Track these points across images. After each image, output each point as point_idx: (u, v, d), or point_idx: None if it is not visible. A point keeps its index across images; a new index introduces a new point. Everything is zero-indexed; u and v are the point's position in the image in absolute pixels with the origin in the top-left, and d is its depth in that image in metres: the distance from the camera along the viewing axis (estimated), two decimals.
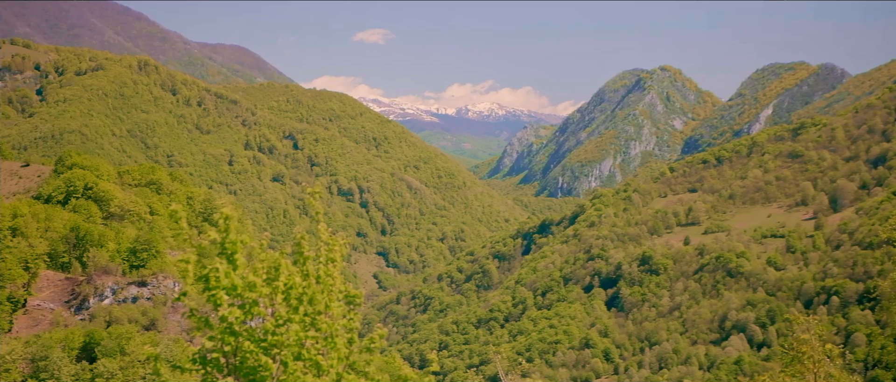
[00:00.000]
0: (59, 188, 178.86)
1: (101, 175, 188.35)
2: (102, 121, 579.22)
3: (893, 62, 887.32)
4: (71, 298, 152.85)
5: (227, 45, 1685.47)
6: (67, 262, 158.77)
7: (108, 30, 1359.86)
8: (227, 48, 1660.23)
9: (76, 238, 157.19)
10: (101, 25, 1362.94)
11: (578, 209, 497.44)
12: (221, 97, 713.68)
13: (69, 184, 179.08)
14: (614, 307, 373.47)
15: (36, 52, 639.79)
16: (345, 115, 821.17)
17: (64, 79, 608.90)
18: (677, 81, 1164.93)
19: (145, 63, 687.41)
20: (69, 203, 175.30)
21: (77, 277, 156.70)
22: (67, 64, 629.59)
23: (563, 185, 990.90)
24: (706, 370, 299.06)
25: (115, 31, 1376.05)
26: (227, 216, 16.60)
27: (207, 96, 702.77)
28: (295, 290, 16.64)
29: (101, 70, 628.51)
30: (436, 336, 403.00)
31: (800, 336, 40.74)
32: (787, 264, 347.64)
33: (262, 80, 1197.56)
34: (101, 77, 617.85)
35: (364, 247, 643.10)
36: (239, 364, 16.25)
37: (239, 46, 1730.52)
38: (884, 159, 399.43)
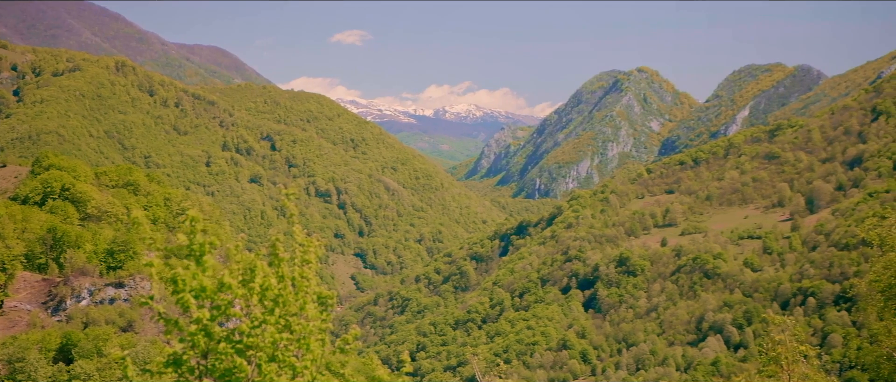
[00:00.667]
0: (36, 189, 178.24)
1: (78, 176, 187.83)
2: (79, 122, 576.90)
3: (869, 64, 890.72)
4: (48, 299, 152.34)
5: (204, 46, 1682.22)
6: (44, 263, 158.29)
7: (85, 30, 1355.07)
8: (204, 49, 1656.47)
9: (53, 239, 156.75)
10: (79, 26, 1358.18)
11: (556, 211, 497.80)
12: (199, 98, 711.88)
13: (46, 185, 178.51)
14: (592, 308, 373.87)
15: (13, 52, 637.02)
16: (322, 116, 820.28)
17: (41, 80, 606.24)
18: (654, 82, 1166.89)
19: (122, 64, 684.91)
20: (46, 204, 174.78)
21: (54, 278, 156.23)
22: (44, 65, 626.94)
23: (541, 186, 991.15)
24: (683, 371, 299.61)
25: (93, 32, 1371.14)
26: (193, 218, 16.52)
27: (185, 97, 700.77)
28: (270, 291, 16.59)
29: (79, 71, 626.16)
30: (413, 337, 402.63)
31: (774, 337, 40.78)
32: (763, 265, 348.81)
33: (240, 81, 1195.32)
34: (78, 78, 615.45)
35: (341, 248, 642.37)
36: (213, 366, 16.18)
37: (216, 47, 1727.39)
38: (860, 160, 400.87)
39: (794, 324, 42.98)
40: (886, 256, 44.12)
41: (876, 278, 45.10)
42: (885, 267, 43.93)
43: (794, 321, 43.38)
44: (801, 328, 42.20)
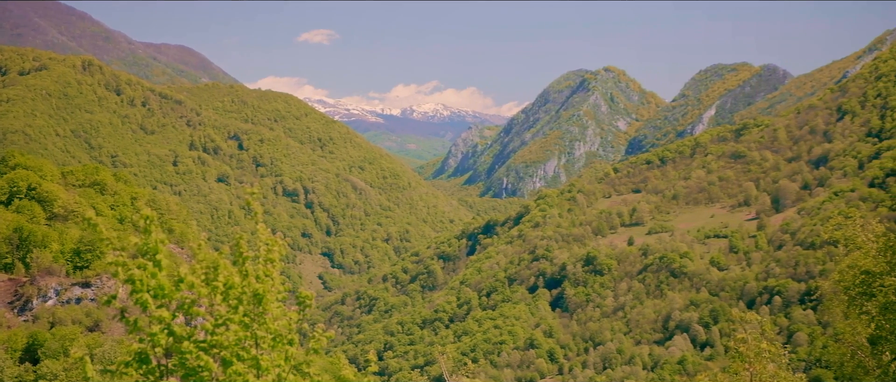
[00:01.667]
0: (2, 189, 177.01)
1: (44, 176, 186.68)
2: (46, 121, 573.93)
3: (835, 63, 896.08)
4: (14, 299, 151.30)
5: (171, 45, 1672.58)
6: (10, 263, 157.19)
7: (51, 29, 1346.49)
8: (171, 48, 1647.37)
9: (19, 239, 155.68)
10: (45, 25, 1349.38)
11: (523, 210, 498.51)
12: (166, 97, 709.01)
13: (12, 184, 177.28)
14: (559, 307, 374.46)
15: None
16: (290, 115, 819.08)
17: (7, 79, 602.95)
18: (621, 81, 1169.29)
19: (89, 63, 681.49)
20: (12, 204, 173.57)
21: (20, 278, 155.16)
22: (10, 64, 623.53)
23: (508, 185, 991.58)
24: (650, 370, 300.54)
25: (59, 31, 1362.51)
26: (148, 218, 16.43)
27: (152, 96, 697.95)
28: (234, 290, 16.53)
29: (45, 70, 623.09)
30: (381, 336, 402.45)
31: (737, 335, 40.91)
32: (729, 264, 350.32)
33: (207, 80, 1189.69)
34: (44, 77, 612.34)
35: (309, 248, 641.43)
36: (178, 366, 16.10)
37: (183, 46, 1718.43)
38: (825, 159, 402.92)
39: (763, 322, 43.13)
40: (851, 255, 44.30)
41: (840, 277, 45.30)
42: (849, 266, 44.12)
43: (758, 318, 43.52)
44: (768, 326, 42.20)
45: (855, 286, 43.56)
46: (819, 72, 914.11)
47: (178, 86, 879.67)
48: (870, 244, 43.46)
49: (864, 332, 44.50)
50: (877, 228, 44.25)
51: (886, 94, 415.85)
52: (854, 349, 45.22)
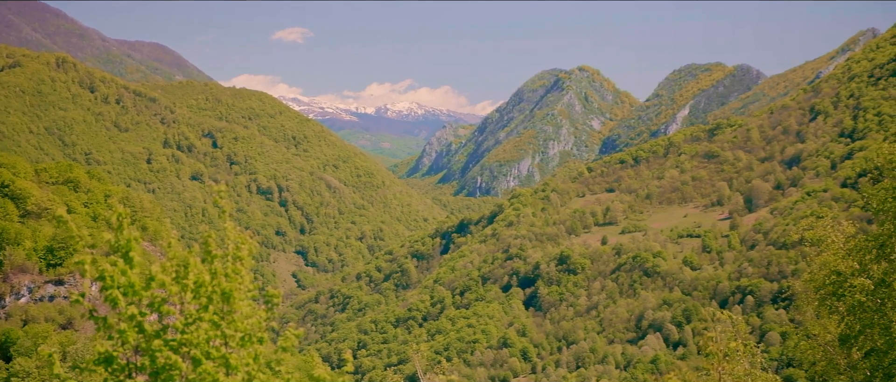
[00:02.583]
0: None
1: (17, 173, 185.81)
2: (19, 118, 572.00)
3: (808, 64, 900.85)
4: None
5: (145, 43, 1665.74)
6: None
7: (25, 26, 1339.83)
8: (145, 45, 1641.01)
9: None
10: (19, 22, 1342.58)
11: (497, 209, 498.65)
12: (140, 95, 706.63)
13: None
14: (532, 306, 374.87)
15: None
16: (264, 113, 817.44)
17: None
18: (595, 81, 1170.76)
19: (63, 60, 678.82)
20: None
21: None
22: None
23: (482, 184, 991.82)
24: (623, 369, 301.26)
25: (33, 28, 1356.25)
26: (120, 214, 16.43)
27: (126, 94, 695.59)
28: (204, 288, 16.54)
29: (19, 67, 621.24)
30: (354, 335, 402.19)
31: (706, 334, 41.13)
32: (702, 263, 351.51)
33: (181, 77, 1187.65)
34: (18, 74, 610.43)
35: (283, 246, 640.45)
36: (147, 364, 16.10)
37: (158, 44, 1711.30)
38: (798, 159, 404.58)
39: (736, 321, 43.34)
40: (822, 255, 44.58)
41: (811, 277, 45.60)
42: (820, 266, 44.40)
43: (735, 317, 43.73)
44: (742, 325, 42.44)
45: (825, 287, 43.86)
46: (792, 72, 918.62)
47: (152, 83, 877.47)
48: (840, 244, 43.75)
49: (834, 331, 44.80)
50: (847, 228, 44.55)
51: (859, 94, 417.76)
52: (825, 348, 45.52)
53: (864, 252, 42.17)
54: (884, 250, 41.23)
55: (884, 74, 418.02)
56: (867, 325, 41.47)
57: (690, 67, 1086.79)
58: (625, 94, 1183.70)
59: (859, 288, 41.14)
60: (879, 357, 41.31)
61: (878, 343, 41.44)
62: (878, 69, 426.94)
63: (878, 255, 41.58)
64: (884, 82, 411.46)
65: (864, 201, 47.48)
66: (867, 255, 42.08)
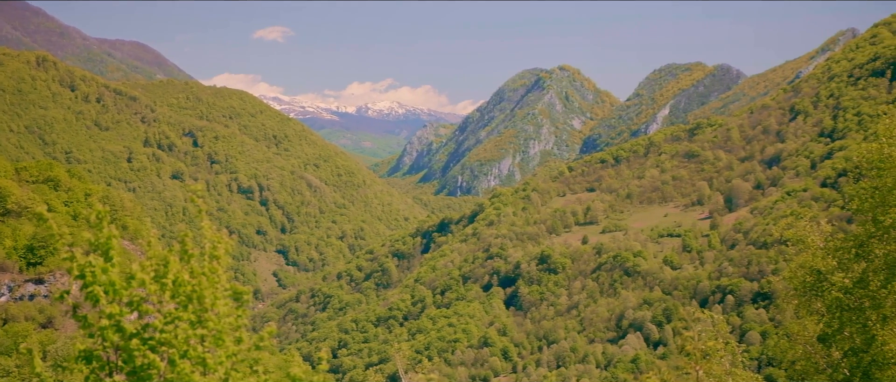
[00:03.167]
0: None
1: None
2: None
3: (788, 63, 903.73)
4: None
5: (126, 41, 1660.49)
6: None
7: (5, 25, 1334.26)
8: (126, 44, 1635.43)
9: None
10: None
11: (477, 208, 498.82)
12: (120, 94, 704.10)
13: None
14: (513, 305, 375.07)
15: None
16: (245, 112, 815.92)
17: None
18: (576, 80, 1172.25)
19: (43, 59, 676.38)
20: None
21: None
22: None
23: (463, 184, 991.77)
24: (603, 368, 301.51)
25: (13, 26, 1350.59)
26: (100, 212, 16.38)
27: (106, 93, 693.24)
28: (183, 287, 16.49)
29: None
30: (335, 334, 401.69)
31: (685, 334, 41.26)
32: (683, 263, 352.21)
33: (162, 76, 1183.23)
34: None
35: (263, 245, 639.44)
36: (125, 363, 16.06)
37: (138, 42, 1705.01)
38: (778, 159, 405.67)
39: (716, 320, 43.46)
40: (802, 254, 44.72)
41: (791, 275, 45.73)
42: (800, 265, 44.53)
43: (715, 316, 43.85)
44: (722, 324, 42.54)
45: (804, 285, 44.00)
46: (772, 72, 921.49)
47: (132, 82, 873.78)
48: (819, 243, 43.91)
49: (814, 330, 44.95)
50: (825, 228, 44.72)
51: (839, 94, 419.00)
52: (805, 347, 45.65)
53: (843, 251, 42.36)
54: (863, 249, 41.40)
55: (863, 73, 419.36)
56: (846, 323, 41.64)
57: (671, 67, 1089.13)
58: (605, 93, 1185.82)
59: (838, 285, 41.32)
60: (858, 355, 41.47)
61: (856, 341, 41.61)
62: (857, 69, 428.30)
63: (856, 254, 41.76)
64: (863, 82, 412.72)
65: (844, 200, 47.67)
66: (846, 254, 42.26)
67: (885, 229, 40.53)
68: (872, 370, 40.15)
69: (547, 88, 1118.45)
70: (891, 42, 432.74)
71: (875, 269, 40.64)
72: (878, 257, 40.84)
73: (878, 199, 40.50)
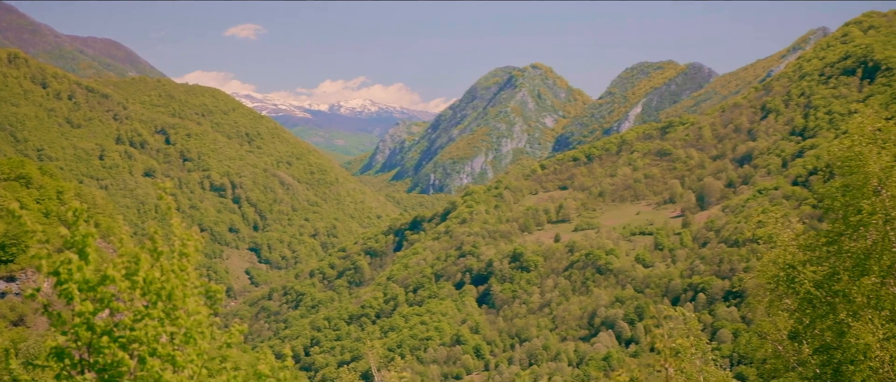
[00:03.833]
0: None
1: None
2: None
3: (759, 62, 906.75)
4: None
5: (98, 39, 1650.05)
6: None
7: None
8: (98, 41, 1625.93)
9: None
10: None
11: (450, 206, 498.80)
12: (92, 91, 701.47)
13: None
14: (485, 303, 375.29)
15: None
16: (217, 110, 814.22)
17: None
18: (549, 78, 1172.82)
19: (15, 56, 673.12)
20: None
21: None
22: None
23: (435, 182, 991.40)
24: (575, 366, 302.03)
25: None
26: (75, 210, 16.33)
27: (78, 90, 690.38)
28: (154, 285, 16.45)
29: None
30: (307, 332, 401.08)
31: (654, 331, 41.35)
32: (655, 261, 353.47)
33: (134, 74, 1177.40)
34: None
35: (236, 243, 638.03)
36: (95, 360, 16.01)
37: (110, 40, 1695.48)
38: (749, 157, 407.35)
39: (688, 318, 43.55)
40: (772, 252, 44.89)
41: (762, 269, 45.90)
42: (771, 263, 44.69)
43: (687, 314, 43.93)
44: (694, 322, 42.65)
45: (776, 280, 44.16)
46: (744, 70, 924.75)
47: (104, 79, 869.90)
48: (790, 240, 44.10)
49: (785, 327, 45.12)
50: (796, 226, 44.92)
51: (810, 93, 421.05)
52: (774, 345, 45.82)
53: (814, 248, 42.58)
54: (833, 246, 41.63)
55: (834, 72, 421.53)
56: (818, 317, 41.83)
57: (643, 65, 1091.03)
58: (578, 91, 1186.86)
59: (809, 278, 41.52)
60: (829, 352, 41.66)
61: (827, 337, 41.81)
62: (828, 68, 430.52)
63: (827, 252, 41.98)
64: (834, 81, 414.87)
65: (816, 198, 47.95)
66: (817, 251, 42.49)
67: (855, 227, 40.77)
68: (843, 367, 40.37)
69: (519, 86, 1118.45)
70: (861, 41, 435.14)
71: (846, 267, 40.90)
72: (848, 253, 41.10)
73: (848, 197, 40.75)
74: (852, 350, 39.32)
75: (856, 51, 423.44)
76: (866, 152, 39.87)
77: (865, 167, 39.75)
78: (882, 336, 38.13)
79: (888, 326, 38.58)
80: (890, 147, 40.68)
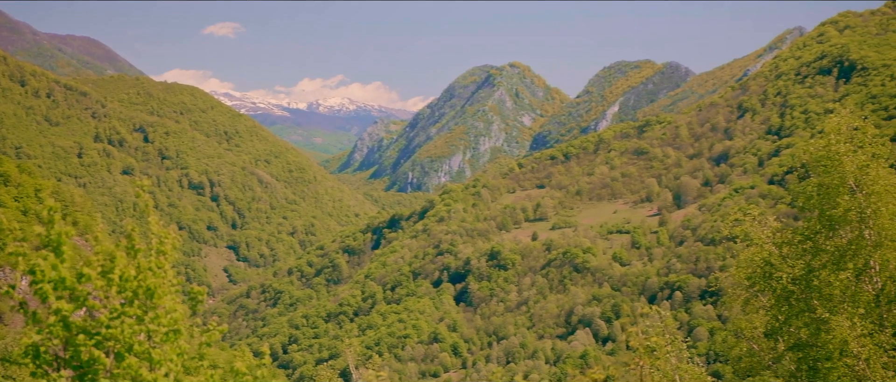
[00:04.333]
0: None
1: None
2: None
3: (736, 61, 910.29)
4: None
5: (77, 37, 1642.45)
6: None
7: None
8: (77, 39, 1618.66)
9: None
10: None
11: (428, 204, 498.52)
12: (71, 89, 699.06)
13: None
14: (463, 301, 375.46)
15: None
16: (196, 108, 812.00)
17: None
18: (526, 77, 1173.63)
19: None
20: None
21: None
22: None
23: (413, 180, 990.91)
24: (552, 364, 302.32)
25: None
26: (51, 208, 16.35)
27: (57, 88, 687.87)
28: (129, 283, 16.46)
29: None
30: (285, 329, 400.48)
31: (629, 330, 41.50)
32: (632, 259, 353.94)
33: (113, 72, 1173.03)
34: None
35: (214, 241, 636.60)
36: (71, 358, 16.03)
37: (89, 38, 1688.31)
38: (726, 156, 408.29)
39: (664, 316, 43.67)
40: (749, 249, 45.11)
41: (740, 266, 46.12)
42: (747, 261, 44.91)
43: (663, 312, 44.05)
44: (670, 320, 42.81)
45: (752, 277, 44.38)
46: (720, 70, 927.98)
47: (83, 77, 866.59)
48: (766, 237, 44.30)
49: (761, 325, 45.33)
50: (773, 224, 45.11)
51: (786, 92, 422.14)
52: (750, 343, 46.03)
53: (790, 245, 42.83)
54: (809, 243, 41.89)
55: (810, 72, 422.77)
56: (794, 315, 42.07)
57: (620, 65, 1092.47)
58: (555, 90, 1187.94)
59: (787, 274, 41.76)
60: (805, 350, 41.89)
61: (802, 334, 42.04)
62: (804, 67, 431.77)
63: (802, 250, 42.23)
64: (810, 80, 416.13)
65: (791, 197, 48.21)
66: (793, 249, 42.73)
67: (830, 226, 41.02)
68: (819, 365, 40.59)
69: (497, 84, 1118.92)
70: (837, 41, 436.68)
71: (823, 263, 41.16)
72: (824, 251, 41.36)
73: (824, 196, 41.00)
74: (829, 347, 39.58)
75: (832, 50, 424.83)
76: (842, 152, 40.15)
77: (841, 166, 40.03)
78: (860, 332, 38.42)
79: (863, 323, 38.88)
80: (867, 147, 41.00)
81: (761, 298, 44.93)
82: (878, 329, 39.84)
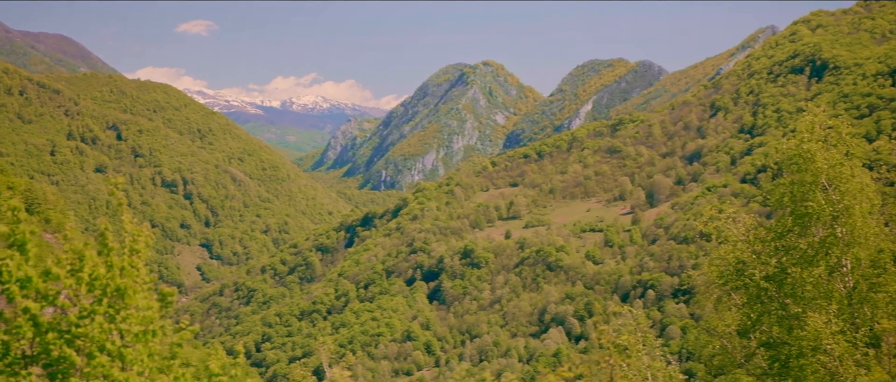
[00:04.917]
0: None
1: None
2: None
3: (709, 60, 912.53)
4: None
5: (49, 34, 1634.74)
6: None
7: None
8: (49, 37, 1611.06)
9: None
10: None
11: (401, 203, 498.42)
12: (44, 87, 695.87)
13: None
14: (436, 300, 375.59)
15: None
16: (169, 106, 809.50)
17: None
18: (500, 75, 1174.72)
19: None
20: None
21: None
22: None
23: (387, 178, 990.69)
24: (525, 362, 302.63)
25: None
26: (14, 208, 16.20)
27: (29, 85, 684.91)
28: (99, 281, 16.33)
29: None
30: (259, 328, 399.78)
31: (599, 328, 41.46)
32: (605, 257, 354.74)
33: (86, 69, 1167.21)
34: None
35: (187, 239, 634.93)
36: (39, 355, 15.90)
37: (62, 36, 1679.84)
38: (698, 155, 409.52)
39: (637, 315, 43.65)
40: (722, 247, 45.14)
41: (712, 264, 46.15)
42: (720, 259, 44.94)
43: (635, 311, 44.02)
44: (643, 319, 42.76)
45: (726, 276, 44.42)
46: (693, 68, 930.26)
47: (56, 75, 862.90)
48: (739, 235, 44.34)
49: (733, 323, 45.38)
50: (747, 221, 45.15)
51: (758, 91, 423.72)
52: (722, 341, 46.07)
53: (763, 243, 42.88)
54: (781, 241, 41.97)
55: (783, 70, 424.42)
56: (766, 312, 42.14)
57: (593, 63, 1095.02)
58: (529, 88, 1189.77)
59: (760, 272, 41.83)
60: (777, 347, 41.97)
61: (774, 332, 42.12)
62: (777, 66, 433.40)
63: (775, 248, 42.31)
64: (783, 79, 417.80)
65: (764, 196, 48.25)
66: (765, 246, 42.80)
67: (803, 224, 41.12)
68: (791, 362, 40.66)
69: (471, 83, 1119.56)
70: (809, 40, 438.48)
71: (795, 261, 41.25)
72: (797, 249, 41.46)
73: (797, 194, 41.09)
74: (802, 344, 39.66)
75: (804, 49, 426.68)
76: (815, 150, 40.25)
77: (814, 165, 40.13)
78: (834, 328, 38.50)
79: (837, 320, 38.98)
80: (840, 146, 41.13)
81: (734, 296, 45.00)
82: (852, 327, 39.98)
